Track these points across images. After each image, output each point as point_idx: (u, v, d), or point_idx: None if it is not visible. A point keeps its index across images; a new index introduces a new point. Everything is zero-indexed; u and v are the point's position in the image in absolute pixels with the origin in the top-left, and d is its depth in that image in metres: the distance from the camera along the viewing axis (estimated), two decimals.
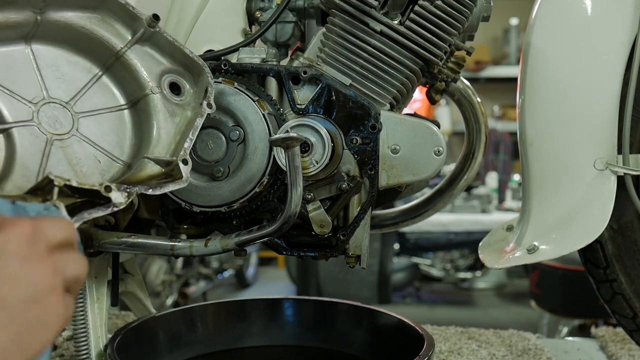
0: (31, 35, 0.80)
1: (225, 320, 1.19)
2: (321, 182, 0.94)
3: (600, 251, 1.07)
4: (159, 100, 0.86)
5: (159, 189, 0.77)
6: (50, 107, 0.81)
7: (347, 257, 0.99)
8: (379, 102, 0.95)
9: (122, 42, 0.85)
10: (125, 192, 0.72)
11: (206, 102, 0.85)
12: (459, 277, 4.92)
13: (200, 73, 0.87)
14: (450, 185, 1.24)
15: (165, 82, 0.87)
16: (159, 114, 0.85)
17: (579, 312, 2.99)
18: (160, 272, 3.59)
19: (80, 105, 0.83)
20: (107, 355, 0.93)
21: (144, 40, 0.85)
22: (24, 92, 0.79)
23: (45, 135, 0.79)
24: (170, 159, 0.82)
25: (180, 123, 0.86)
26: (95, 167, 0.83)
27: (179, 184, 0.79)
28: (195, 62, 0.87)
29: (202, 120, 0.85)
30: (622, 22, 0.98)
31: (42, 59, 0.82)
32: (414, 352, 0.94)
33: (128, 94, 0.87)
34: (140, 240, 0.94)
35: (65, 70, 0.83)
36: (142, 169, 0.82)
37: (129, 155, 0.86)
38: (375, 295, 4.25)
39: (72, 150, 0.81)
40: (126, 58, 0.85)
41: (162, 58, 0.88)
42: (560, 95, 1.00)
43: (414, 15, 0.91)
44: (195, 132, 0.84)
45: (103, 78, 0.86)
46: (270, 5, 1.05)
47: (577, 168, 1.00)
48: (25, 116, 0.78)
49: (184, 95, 0.88)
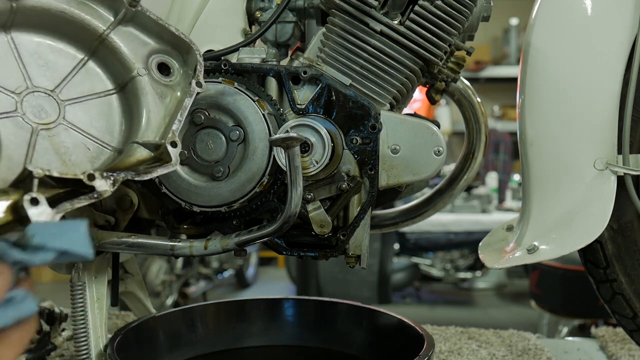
0: (9, 23, 0.78)
1: (225, 320, 1.19)
2: (321, 182, 0.94)
3: (600, 251, 1.07)
4: (146, 82, 0.83)
5: (147, 174, 0.75)
6: (35, 96, 0.79)
7: (347, 257, 0.99)
8: (379, 102, 0.95)
9: (105, 24, 0.82)
10: (110, 180, 0.70)
11: (195, 80, 0.83)
12: (459, 277, 4.92)
13: (189, 51, 0.85)
14: (450, 185, 1.24)
15: (152, 63, 0.85)
16: (147, 96, 0.83)
17: (579, 312, 2.99)
18: (160, 272, 3.59)
19: (66, 92, 0.81)
20: (107, 355, 0.93)
21: (126, 20, 0.83)
22: (6, 83, 0.77)
23: (31, 125, 0.77)
24: (159, 142, 0.80)
25: (170, 104, 0.84)
26: (84, 155, 0.80)
27: (167, 168, 0.77)
28: (182, 40, 0.84)
29: (191, 100, 0.82)
30: (622, 22, 0.98)
31: (23, 47, 0.79)
32: (414, 352, 0.94)
33: (115, 78, 0.85)
34: (140, 240, 0.94)
35: (48, 57, 0.81)
36: (131, 155, 0.79)
37: (119, 141, 0.83)
38: (375, 295, 4.25)
39: (59, 140, 0.79)
40: (110, 40, 0.82)
41: (148, 38, 0.85)
42: (560, 95, 1.00)
43: (414, 15, 0.91)
44: (184, 113, 0.82)
45: (89, 63, 0.84)
46: (270, 5, 1.05)
47: (577, 168, 1.00)
48: (8, 107, 0.76)
49: (174, 75, 0.86)
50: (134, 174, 0.74)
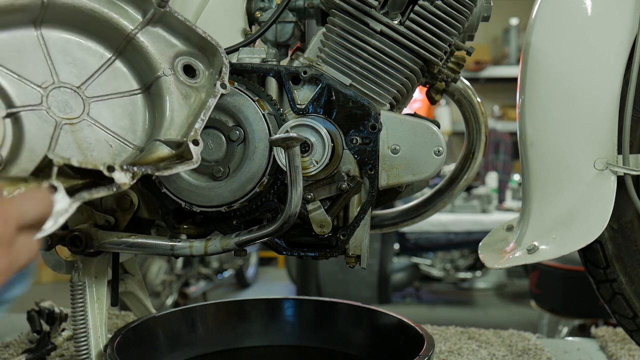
0: (40, 19, 0.79)
1: (225, 320, 1.19)
2: (321, 182, 0.94)
3: (600, 251, 1.07)
4: (172, 83, 0.84)
5: (167, 170, 0.76)
6: (60, 91, 0.80)
7: (347, 257, 0.99)
8: (379, 102, 0.95)
9: (133, 24, 0.83)
10: (129, 173, 0.70)
11: (220, 82, 0.84)
12: (459, 277, 4.92)
13: (215, 53, 0.86)
14: (450, 185, 1.24)
15: (179, 65, 0.85)
16: (172, 96, 0.84)
17: (579, 312, 2.99)
18: (160, 272, 3.59)
19: (91, 89, 0.82)
20: (107, 355, 0.93)
21: (155, 21, 0.84)
22: (33, 77, 0.78)
23: (55, 119, 0.78)
24: (181, 140, 0.81)
25: (195, 105, 0.85)
26: (106, 151, 0.81)
27: (188, 165, 0.78)
28: (209, 43, 0.85)
29: (215, 101, 0.83)
30: (622, 22, 0.98)
31: (52, 43, 0.81)
32: (414, 352, 0.94)
33: (141, 78, 0.86)
34: (140, 240, 0.94)
35: (77, 54, 0.82)
36: (153, 152, 0.80)
37: (142, 140, 0.84)
38: (375, 295, 4.25)
39: (82, 135, 0.80)
40: (137, 40, 0.83)
41: (175, 40, 0.86)
42: (560, 95, 1.00)
43: (414, 15, 0.91)
44: (208, 113, 0.82)
45: (116, 63, 0.85)
46: (270, 5, 1.05)
47: (577, 168, 1.00)
48: (34, 100, 0.78)
49: (199, 77, 0.87)
50: (154, 169, 0.74)
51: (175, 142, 0.81)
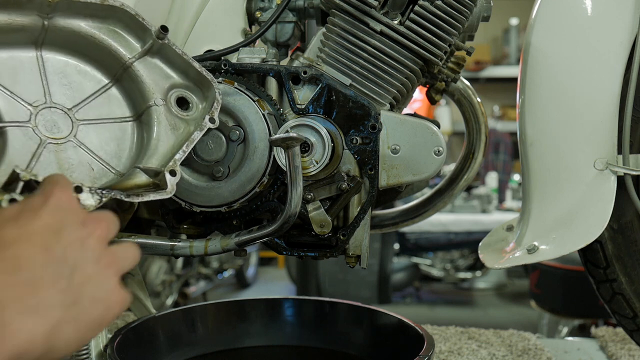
0: (41, 41, 0.80)
1: (225, 320, 1.19)
2: (321, 182, 0.94)
3: (600, 251, 1.07)
4: (162, 113, 0.85)
5: (137, 197, 0.76)
6: (51, 111, 0.81)
7: (347, 257, 0.99)
8: (379, 102, 0.95)
9: (131, 53, 0.84)
10: (97, 195, 0.71)
11: (209, 116, 0.85)
12: (459, 277, 4.92)
13: (209, 88, 0.87)
14: (450, 185, 1.24)
15: (172, 96, 0.86)
16: (160, 126, 0.85)
17: (579, 312, 2.99)
18: (160, 272, 3.59)
19: (83, 112, 0.83)
20: (107, 355, 0.93)
21: (153, 52, 0.85)
22: (26, 95, 0.80)
23: (40, 137, 0.79)
24: (159, 169, 0.81)
25: (182, 136, 0.86)
26: (87, 174, 0.82)
27: (161, 194, 0.78)
28: (204, 77, 0.86)
29: (200, 134, 0.84)
30: (622, 22, 0.98)
31: (50, 65, 0.82)
32: (414, 352, 0.94)
33: (134, 106, 0.87)
34: (140, 240, 0.94)
35: (73, 77, 0.83)
36: (131, 178, 0.81)
37: (125, 166, 0.85)
38: (375, 295, 4.26)
39: (65, 155, 0.80)
40: (133, 69, 0.84)
41: (172, 72, 0.87)
42: (560, 95, 1.00)
43: (414, 15, 0.91)
44: (191, 145, 0.83)
45: (112, 89, 0.86)
46: (270, 5, 1.05)
47: (577, 168, 1.00)
48: (22, 117, 0.79)
49: (192, 110, 0.88)
50: (124, 194, 0.75)
51: (153, 171, 0.82)
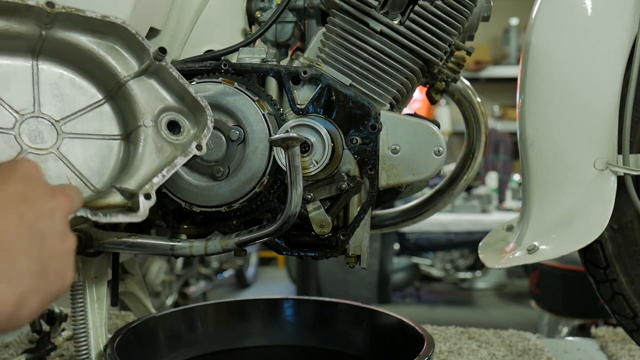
0: (38, 50, 0.80)
1: (225, 320, 1.19)
2: (321, 182, 0.94)
3: (600, 251, 1.07)
4: (149, 134, 0.83)
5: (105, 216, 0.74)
6: (37, 121, 0.80)
7: (347, 257, 0.99)
8: (379, 102, 0.95)
9: (128, 71, 0.83)
10: None
11: (196, 142, 0.83)
12: (459, 277, 4.92)
13: (202, 114, 0.86)
14: (450, 185, 1.24)
15: (164, 119, 0.85)
16: (145, 147, 0.83)
17: (579, 312, 2.99)
18: (160, 272, 3.59)
19: (70, 126, 0.82)
20: (107, 355, 0.93)
21: (150, 72, 0.84)
22: (14, 102, 0.79)
23: (21, 146, 0.78)
24: (134, 191, 0.79)
25: (167, 160, 0.84)
26: None
27: (131, 217, 0.76)
28: (198, 103, 0.85)
29: (184, 160, 0.82)
30: (622, 22, 0.98)
31: (44, 75, 0.81)
32: (414, 352, 0.94)
33: (125, 125, 0.85)
34: (140, 240, 0.94)
35: (66, 90, 0.82)
36: (106, 197, 0.80)
37: (105, 184, 0.83)
38: (375, 295, 4.25)
39: (45, 167, 0.79)
40: (128, 88, 0.83)
41: (167, 94, 0.86)
42: (560, 95, 1.00)
43: (414, 15, 0.91)
44: (172, 170, 0.81)
45: (104, 106, 0.85)
46: (270, 5, 1.05)
47: (577, 168, 1.00)
48: (6, 124, 0.78)
49: (183, 134, 0.86)
50: (92, 213, 0.73)
51: (129, 191, 0.80)
